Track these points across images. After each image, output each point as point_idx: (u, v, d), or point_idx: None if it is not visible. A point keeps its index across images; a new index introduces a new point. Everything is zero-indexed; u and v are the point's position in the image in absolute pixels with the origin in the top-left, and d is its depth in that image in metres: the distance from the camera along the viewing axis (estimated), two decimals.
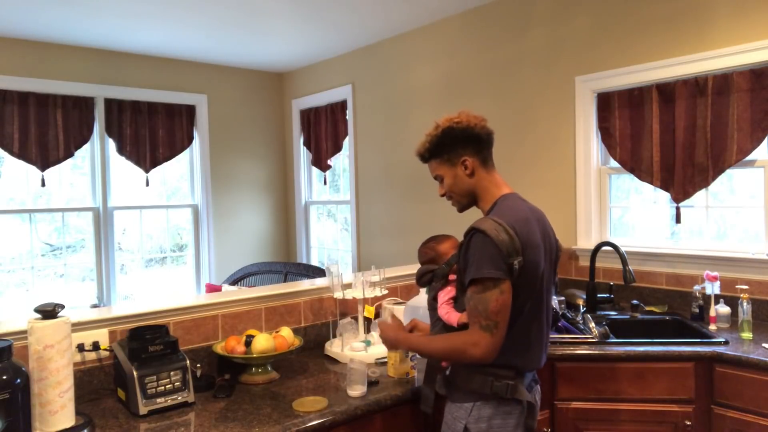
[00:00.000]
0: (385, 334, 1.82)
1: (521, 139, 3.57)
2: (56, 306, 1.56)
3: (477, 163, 1.69)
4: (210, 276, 5.22)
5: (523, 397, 1.58)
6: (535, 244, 1.56)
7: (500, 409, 1.58)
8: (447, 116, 1.72)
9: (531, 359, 1.62)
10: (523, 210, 1.62)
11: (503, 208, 1.61)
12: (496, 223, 1.52)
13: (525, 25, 3.52)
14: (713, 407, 2.15)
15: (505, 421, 1.58)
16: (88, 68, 4.52)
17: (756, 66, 2.61)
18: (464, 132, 1.68)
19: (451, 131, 1.69)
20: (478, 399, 1.59)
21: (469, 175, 1.69)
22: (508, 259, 1.49)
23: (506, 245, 1.49)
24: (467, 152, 1.69)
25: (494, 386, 1.57)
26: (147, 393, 1.70)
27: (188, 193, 5.22)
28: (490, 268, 1.49)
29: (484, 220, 1.55)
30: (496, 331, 1.49)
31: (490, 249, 1.50)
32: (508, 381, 1.57)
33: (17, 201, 4.37)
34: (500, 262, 1.49)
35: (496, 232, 1.50)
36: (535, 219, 1.63)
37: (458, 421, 1.61)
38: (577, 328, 2.42)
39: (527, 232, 1.55)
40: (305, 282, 2.62)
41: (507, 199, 1.66)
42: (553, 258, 1.69)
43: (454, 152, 1.70)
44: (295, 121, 5.53)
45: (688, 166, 2.83)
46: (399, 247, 4.44)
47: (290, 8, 3.74)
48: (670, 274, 2.90)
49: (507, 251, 1.49)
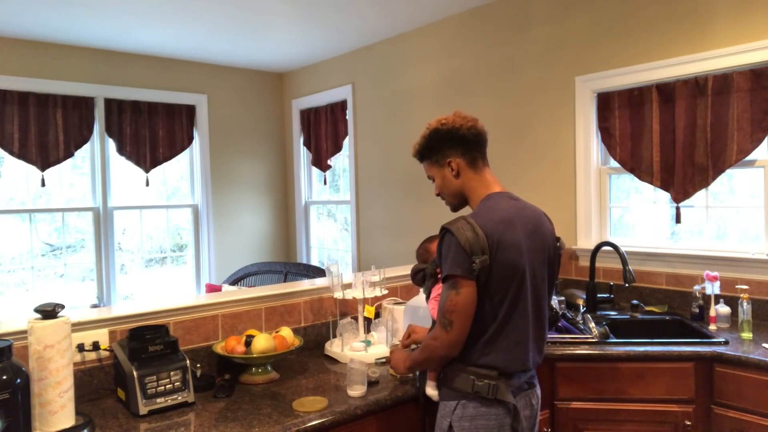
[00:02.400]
0: (395, 362, 1.85)
1: (521, 139, 3.57)
2: (56, 306, 1.56)
3: (463, 164, 1.70)
4: (210, 276, 5.22)
5: (505, 399, 1.57)
6: (511, 244, 1.55)
7: (483, 410, 1.58)
8: (438, 117, 1.74)
9: (515, 360, 1.59)
10: (504, 209, 1.61)
11: (482, 208, 1.63)
12: (466, 222, 1.55)
13: (525, 25, 3.52)
14: (713, 407, 2.15)
15: (487, 422, 1.57)
16: (88, 68, 4.52)
17: (756, 66, 2.61)
18: (449, 133, 1.69)
19: (437, 133, 1.71)
20: (462, 398, 1.60)
21: (455, 176, 1.71)
22: (471, 258, 1.51)
23: (470, 244, 1.51)
24: (453, 153, 1.70)
25: (476, 386, 1.57)
26: (147, 393, 1.70)
27: (188, 193, 5.22)
28: (453, 266, 1.53)
29: (456, 220, 1.58)
30: (450, 329, 1.54)
31: (454, 248, 1.53)
32: (490, 381, 1.57)
33: (17, 201, 4.37)
34: (463, 261, 1.52)
35: (461, 231, 1.53)
36: (521, 218, 1.62)
37: (444, 419, 1.63)
38: (577, 328, 2.42)
39: (502, 232, 1.55)
40: (305, 282, 2.62)
41: (490, 198, 1.66)
42: (547, 257, 1.67)
43: (441, 153, 1.72)
44: (295, 121, 5.53)
45: (688, 166, 2.83)
46: (399, 247, 4.44)
47: (290, 8, 3.74)
48: (670, 274, 2.90)
49: (471, 250, 1.51)
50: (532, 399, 1.69)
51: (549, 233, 1.70)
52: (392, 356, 1.88)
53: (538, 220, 1.67)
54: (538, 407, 1.72)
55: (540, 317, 1.66)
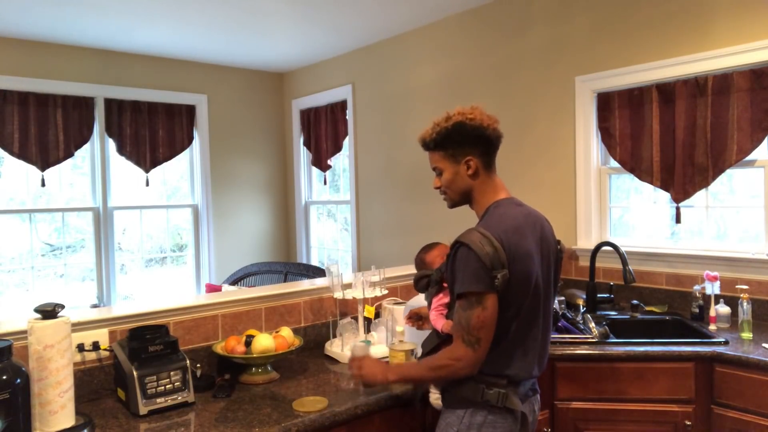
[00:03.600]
0: (369, 370, 1.66)
1: (521, 138, 3.57)
2: (56, 306, 1.56)
3: (481, 165, 1.63)
4: (210, 276, 5.22)
5: (515, 407, 1.55)
6: (525, 254, 1.52)
7: (492, 418, 1.54)
8: (460, 108, 1.63)
9: (525, 368, 1.57)
10: (515, 217, 1.57)
11: (494, 217, 1.57)
12: (482, 235, 1.49)
13: (525, 25, 3.52)
14: (713, 407, 2.15)
15: (496, 430, 1.55)
16: (88, 68, 4.52)
17: (756, 66, 2.61)
18: (476, 131, 1.60)
19: (463, 127, 1.60)
20: (470, 406, 1.56)
21: (471, 176, 1.63)
22: (492, 273, 1.45)
23: (490, 258, 1.45)
24: (474, 152, 1.62)
25: (486, 394, 1.54)
26: (147, 393, 1.70)
27: (188, 193, 5.22)
28: (473, 282, 1.46)
29: (469, 232, 1.51)
30: (478, 346, 1.47)
31: (474, 263, 1.46)
32: (500, 389, 1.54)
33: (17, 201, 4.37)
34: (484, 276, 1.45)
35: (480, 246, 1.46)
36: (529, 225, 1.58)
37: (450, 428, 1.59)
38: (577, 328, 2.42)
39: (517, 242, 1.51)
40: (305, 282, 2.61)
41: (499, 206, 1.61)
42: (552, 262, 1.65)
43: (460, 149, 1.62)
44: (295, 121, 5.53)
45: (688, 166, 2.83)
46: (399, 247, 4.44)
47: (290, 8, 3.74)
48: (670, 274, 2.90)
49: (491, 264, 1.45)
50: (535, 405, 1.69)
51: (552, 238, 1.67)
52: (362, 363, 1.69)
53: (542, 225, 1.64)
54: (538, 412, 1.72)
55: (547, 323, 1.64)
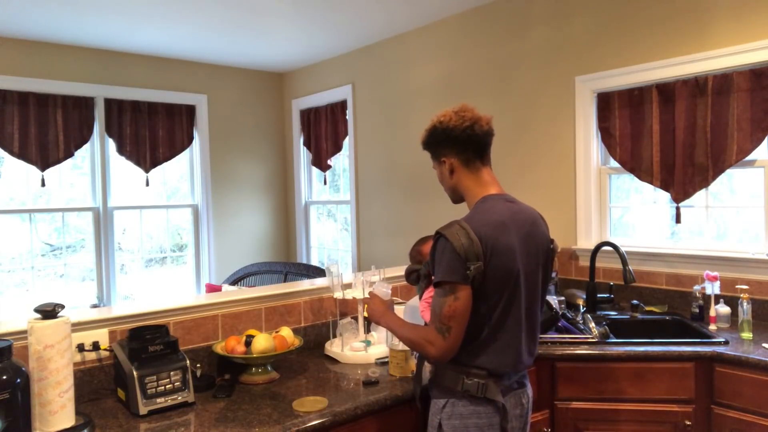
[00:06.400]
0: (374, 305, 1.86)
1: (521, 139, 3.57)
2: (56, 306, 1.56)
3: (458, 164, 1.70)
4: (210, 276, 5.22)
5: (495, 398, 1.58)
6: (506, 249, 1.55)
7: (472, 408, 1.59)
8: (442, 112, 1.73)
9: (504, 362, 1.59)
10: (499, 213, 1.60)
11: (478, 211, 1.62)
12: (460, 227, 1.53)
13: (525, 25, 3.52)
14: (713, 407, 2.15)
15: (477, 420, 1.58)
16: (88, 68, 4.52)
17: (756, 66, 2.61)
18: (444, 133, 1.69)
19: (435, 130, 1.71)
20: (452, 396, 1.61)
21: (450, 174, 1.72)
22: (466, 264, 1.50)
23: (465, 250, 1.50)
24: (448, 152, 1.70)
25: (465, 384, 1.58)
26: (147, 393, 1.70)
27: (188, 193, 5.22)
28: (447, 272, 1.52)
29: (450, 224, 1.56)
30: (448, 335, 1.52)
31: (449, 254, 1.52)
32: (480, 380, 1.58)
33: (17, 201, 4.37)
34: (459, 267, 1.50)
35: (456, 237, 1.51)
36: (515, 221, 1.61)
37: (434, 417, 1.65)
38: (577, 328, 2.42)
39: (497, 237, 1.54)
40: (305, 282, 2.61)
41: (486, 201, 1.65)
42: (542, 260, 1.67)
43: (438, 151, 1.73)
44: (295, 121, 5.53)
45: (688, 166, 2.83)
46: (399, 247, 4.44)
47: (290, 8, 3.74)
48: (670, 274, 2.90)
49: (465, 256, 1.50)
50: (522, 398, 1.70)
51: (543, 236, 1.69)
52: (370, 302, 1.89)
53: (533, 222, 1.67)
54: (528, 406, 1.72)
55: (532, 320, 1.66)
